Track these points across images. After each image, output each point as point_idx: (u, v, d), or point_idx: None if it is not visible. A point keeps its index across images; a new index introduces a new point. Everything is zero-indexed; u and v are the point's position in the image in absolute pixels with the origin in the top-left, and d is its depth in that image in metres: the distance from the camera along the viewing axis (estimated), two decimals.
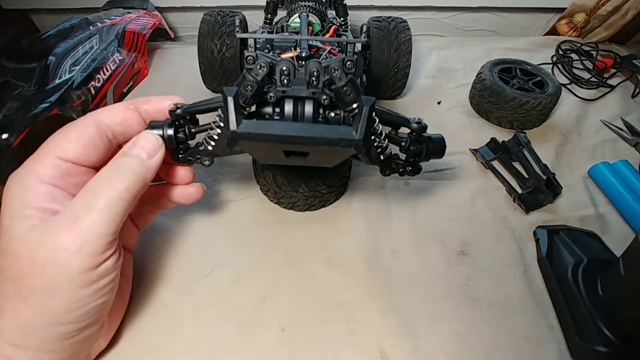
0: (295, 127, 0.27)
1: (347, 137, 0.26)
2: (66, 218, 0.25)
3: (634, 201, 0.45)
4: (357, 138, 0.26)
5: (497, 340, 0.35)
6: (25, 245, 0.25)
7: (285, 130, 0.25)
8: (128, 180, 0.27)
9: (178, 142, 0.32)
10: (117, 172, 0.27)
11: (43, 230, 0.25)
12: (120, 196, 0.26)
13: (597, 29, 0.78)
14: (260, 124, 0.26)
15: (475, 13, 0.85)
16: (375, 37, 0.55)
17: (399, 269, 0.39)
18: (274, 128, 0.26)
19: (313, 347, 0.34)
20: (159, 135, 0.30)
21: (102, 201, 0.26)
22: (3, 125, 0.45)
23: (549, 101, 0.54)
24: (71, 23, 0.60)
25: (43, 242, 0.25)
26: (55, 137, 0.29)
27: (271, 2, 0.59)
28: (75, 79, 0.53)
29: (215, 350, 0.33)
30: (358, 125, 0.26)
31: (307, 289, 0.38)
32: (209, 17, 0.57)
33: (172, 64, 0.70)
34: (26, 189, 0.27)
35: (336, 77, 0.28)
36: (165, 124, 0.31)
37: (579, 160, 0.53)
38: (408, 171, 0.36)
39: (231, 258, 0.40)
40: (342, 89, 0.28)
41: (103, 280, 0.26)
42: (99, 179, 0.27)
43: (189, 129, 0.32)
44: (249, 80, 0.27)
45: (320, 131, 0.26)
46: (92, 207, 0.26)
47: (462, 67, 0.71)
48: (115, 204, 0.26)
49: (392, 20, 0.57)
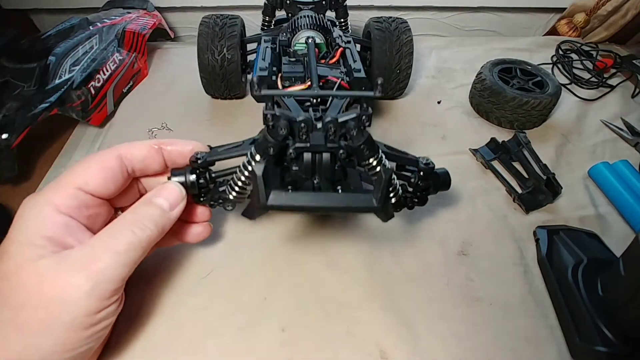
0: (319, 198, 0.29)
1: (368, 205, 0.28)
2: (83, 255, 0.25)
3: (634, 201, 0.45)
4: (377, 205, 0.28)
5: (497, 341, 0.34)
6: (36, 275, 0.24)
7: (311, 202, 0.28)
8: (149, 230, 0.28)
9: (200, 187, 0.33)
10: (140, 220, 0.28)
11: (57, 263, 0.25)
12: (140, 244, 0.27)
13: (597, 29, 0.78)
14: (288, 197, 0.27)
15: (475, 13, 0.85)
16: (376, 38, 0.55)
17: (399, 269, 0.39)
18: (301, 200, 0.28)
19: (313, 347, 0.34)
20: (182, 182, 0.32)
21: (122, 246, 0.26)
22: (3, 125, 0.45)
23: (549, 101, 0.54)
24: (71, 23, 0.60)
25: (56, 275, 0.24)
26: (76, 168, 0.29)
27: (269, 5, 0.58)
28: (75, 79, 0.53)
29: (216, 351, 0.33)
30: (378, 194, 0.28)
31: (307, 289, 0.38)
32: (206, 27, 0.55)
33: (172, 64, 0.69)
34: (42, 216, 0.26)
35: (353, 136, 0.29)
36: (187, 170, 0.33)
37: (579, 160, 0.53)
38: (416, 203, 0.38)
39: (231, 258, 0.40)
40: (358, 148, 0.30)
41: (100, 325, 0.26)
42: (122, 223, 0.28)
43: (210, 174, 0.34)
44: (271, 142, 0.29)
45: (343, 201, 0.28)
46: (111, 250, 0.26)
47: (462, 67, 0.71)
48: (133, 250, 0.27)
49: (393, 21, 0.57)
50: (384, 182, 0.27)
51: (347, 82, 0.42)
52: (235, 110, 0.59)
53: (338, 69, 0.44)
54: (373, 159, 0.31)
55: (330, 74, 0.43)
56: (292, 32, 0.49)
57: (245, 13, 0.81)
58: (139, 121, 0.56)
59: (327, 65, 0.44)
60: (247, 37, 0.57)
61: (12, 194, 0.48)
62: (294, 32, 0.49)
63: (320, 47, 0.49)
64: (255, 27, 0.64)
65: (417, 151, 0.37)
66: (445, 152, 0.53)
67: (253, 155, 0.31)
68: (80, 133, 0.56)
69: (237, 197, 0.33)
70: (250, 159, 0.31)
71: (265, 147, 0.29)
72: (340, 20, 0.60)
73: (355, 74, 0.42)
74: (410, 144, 0.53)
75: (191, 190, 0.33)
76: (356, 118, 0.29)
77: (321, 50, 0.49)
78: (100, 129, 0.57)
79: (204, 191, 0.34)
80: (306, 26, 0.48)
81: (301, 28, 0.49)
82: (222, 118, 0.58)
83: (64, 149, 0.54)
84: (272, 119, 0.29)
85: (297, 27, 0.49)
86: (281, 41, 0.49)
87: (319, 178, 0.32)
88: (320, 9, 0.58)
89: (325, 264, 0.40)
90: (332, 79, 0.42)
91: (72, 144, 0.54)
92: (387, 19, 0.58)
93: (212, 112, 0.59)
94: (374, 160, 0.32)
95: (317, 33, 0.49)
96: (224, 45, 0.53)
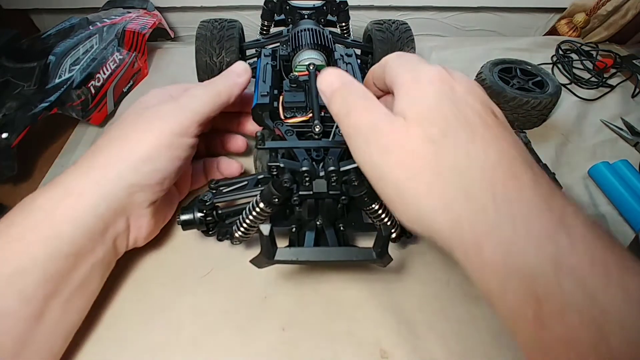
0: (322, 253, 0.31)
1: (368, 258, 0.30)
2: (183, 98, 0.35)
3: (634, 201, 0.45)
4: (377, 258, 0.30)
5: (497, 340, 0.34)
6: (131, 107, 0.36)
7: (315, 257, 0.31)
8: (224, 85, 0.37)
9: (207, 224, 0.36)
10: (219, 79, 0.38)
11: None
12: (218, 94, 0.36)
13: (597, 29, 0.78)
14: (293, 252, 0.30)
15: (475, 13, 0.85)
16: (377, 39, 0.55)
17: (399, 267, 0.39)
18: (305, 255, 0.30)
19: (313, 347, 0.34)
20: (190, 220, 0.35)
21: (203, 91, 0.36)
22: (3, 125, 0.45)
23: (549, 101, 0.54)
24: (71, 23, 0.60)
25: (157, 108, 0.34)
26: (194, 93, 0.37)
27: (268, 9, 0.57)
28: (75, 79, 0.53)
29: (215, 350, 0.33)
30: (378, 249, 0.30)
31: (307, 288, 0.38)
32: (204, 31, 0.54)
33: (172, 64, 0.69)
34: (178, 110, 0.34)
35: (354, 186, 0.31)
36: (194, 208, 0.35)
37: (579, 160, 0.53)
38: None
39: (231, 257, 0.40)
40: (359, 196, 0.32)
41: (179, 151, 0.33)
42: (207, 82, 0.38)
43: (217, 212, 0.36)
44: (276, 195, 0.31)
45: (344, 255, 0.31)
46: (198, 94, 0.36)
47: (462, 67, 0.71)
48: (213, 96, 0.36)
49: (393, 22, 0.57)
50: (384, 239, 0.29)
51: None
52: None
53: None
54: (375, 205, 0.33)
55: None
56: (293, 50, 0.48)
57: (245, 13, 0.82)
58: None
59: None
60: (246, 43, 0.57)
61: (12, 193, 0.48)
62: (295, 51, 0.48)
63: (321, 69, 0.48)
64: (255, 27, 0.64)
65: None
66: None
67: (258, 203, 0.33)
68: (80, 132, 0.56)
69: (243, 236, 0.35)
70: (255, 206, 0.33)
71: (270, 199, 0.31)
72: (342, 25, 0.59)
73: None
74: None
75: (199, 226, 0.36)
76: (358, 168, 0.30)
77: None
78: (100, 128, 0.57)
79: (211, 227, 0.37)
80: (308, 45, 0.48)
81: (302, 47, 0.48)
82: None
83: (64, 148, 0.53)
84: (276, 170, 0.32)
85: (298, 45, 0.48)
86: (282, 56, 0.49)
87: (321, 219, 0.35)
88: (321, 14, 0.57)
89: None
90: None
91: (72, 143, 0.54)
92: (388, 21, 0.58)
93: None
94: (376, 205, 0.33)
95: (319, 53, 0.48)
96: (223, 48, 0.53)
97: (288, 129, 0.38)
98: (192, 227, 0.36)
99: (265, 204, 0.32)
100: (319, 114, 0.38)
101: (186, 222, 0.36)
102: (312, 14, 0.57)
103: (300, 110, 0.41)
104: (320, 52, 0.49)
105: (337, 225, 0.36)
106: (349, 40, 0.58)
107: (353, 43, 0.57)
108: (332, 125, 0.38)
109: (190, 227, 0.36)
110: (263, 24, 0.60)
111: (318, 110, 0.38)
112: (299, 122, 0.40)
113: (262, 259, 0.30)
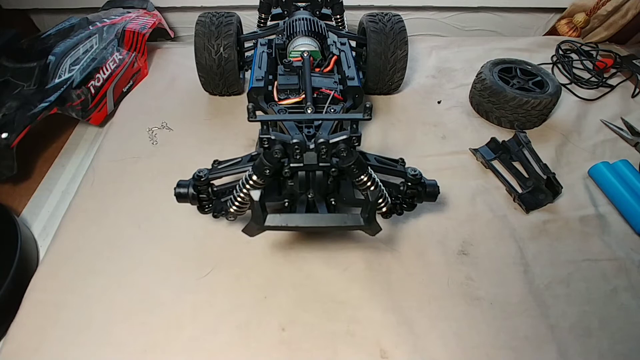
0: (312, 219, 0.32)
1: (356, 224, 0.31)
2: None
3: (634, 201, 0.45)
4: (364, 224, 0.31)
5: (497, 340, 0.34)
6: None
7: (304, 223, 0.31)
8: None
9: (201, 200, 0.37)
10: None
11: None
12: None
13: (597, 29, 0.78)
14: (283, 218, 0.30)
15: (475, 13, 0.85)
16: (371, 30, 0.55)
17: (399, 268, 0.39)
18: (294, 221, 0.31)
19: (313, 347, 0.34)
20: (185, 194, 0.36)
21: None
22: (3, 125, 0.45)
23: (549, 101, 0.54)
24: (71, 23, 0.60)
25: None
26: None
27: (265, 2, 0.59)
28: (75, 79, 0.53)
29: (215, 349, 0.33)
30: (365, 214, 0.30)
31: (307, 288, 0.38)
32: (202, 27, 0.55)
33: (172, 64, 0.69)
34: None
35: (343, 157, 0.32)
36: (190, 183, 0.36)
37: (579, 160, 0.53)
38: (405, 209, 0.40)
39: (231, 257, 0.40)
40: (348, 168, 0.32)
41: None
42: None
43: (212, 189, 0.37)
44: (267, 165, 0.31)
45: (333, 221, 0.32)
46: None
47: (462, 67, 0.71)
48: None
49: (386, 14, 0.58)
50: (371, 205, 0.30)
51: (340, 91, 0.44)
52: (234, 109, 0.59)
53: (332, 78, 0.46)
54: (363, 176, 0.34)
55: (324, 85, 0.44)
56: (288, 37, 0.50)
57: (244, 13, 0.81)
58: (138, 120, 0.56)
59: (321, 75, 0.46)
60: (244, 35, 0.58)
61: (12, 193, 0.48)
62: (290, 38, 0.50)
63: (315, 55, 0.50)
64: (253, 26, 0.64)
65: (418, 151, 0.37)
66: (446, 151, 0.53)
67: (251, 176, 0.33)
68: (80, 132, 0.56)
69: (238, 210, 0.35)
70: (248, 178, 0.33)
71: (262, 170, 0.32)
72: (337, 17, 0.60)
73: (348, 82, 0.43)
74: (411, 144, 0.53)
75: (194, 202, 0.36)
76: (347, 140, 0.31)
77: (315, 58, 0.49)
78: (100, 128, 0.57)
79: (206, 203, 0.37)
80: (302, 33, 0.49)
81: (297, 34, 0.49)
82: (221, 117, 0.58)
83: (64, 148, 0.54)
84: (267, 143, 0.32)
85: (293, 32, 0.50)
86: (277, 44, 0.50)
87: (313, 193, 0.35)
88: (315, 6, 0.58)
89: (325, 262, 0.40)
90: (326, 91, 0.43)
91: (72, 143, 0.54)
92: (380, 13, 0.58)
93: (212, 111, 0.59)
94: (364, 176, 0.34)
95: (313, 40, 0.49)
96: (221, 45, 0.54)
97: (281, 110, 0.40)
98: (185, 200, 0.37)
99: (258, 176, 0.33)
100: (311, 96, 0.40)
101: (180, 194, 0.37)
102: (307, 5, 0.58)
103: (293, 92, 0.43)
104: (314, 39, 0.50)
105: (328, 199, 0.37)
106: (344, 32, 0.58)
107: (347, 35, 0.58)
108: (323, 106, 0.40)
109: (184, 200, 0.37)
110: (260, 17, 0.61)
111: (311, 93, 0.40)
112: (292, 104, 0.41)
113: (253, 226, 0.30)
